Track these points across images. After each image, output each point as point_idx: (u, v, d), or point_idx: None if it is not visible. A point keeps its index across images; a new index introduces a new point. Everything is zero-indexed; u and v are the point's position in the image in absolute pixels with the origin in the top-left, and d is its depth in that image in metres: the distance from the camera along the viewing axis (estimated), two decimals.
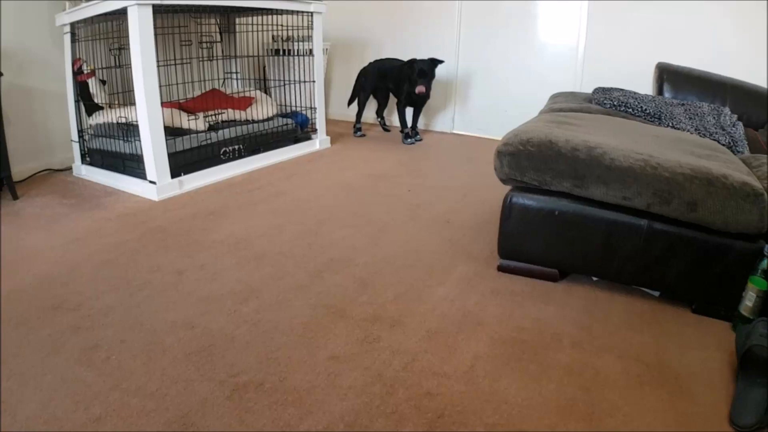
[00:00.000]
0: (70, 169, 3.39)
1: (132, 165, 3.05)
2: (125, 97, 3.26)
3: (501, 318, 1.87)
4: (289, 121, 3.95)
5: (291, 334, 1.72)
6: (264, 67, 4.72)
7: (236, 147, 3.45)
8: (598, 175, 1.90)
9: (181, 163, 3.07)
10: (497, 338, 1.74)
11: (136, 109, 2.87)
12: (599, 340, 1.75)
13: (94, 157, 3.31)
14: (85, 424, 1.31)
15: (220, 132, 3.39)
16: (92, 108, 3.24)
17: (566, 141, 1.99)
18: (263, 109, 3.79)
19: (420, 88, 4.10)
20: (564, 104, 3.15)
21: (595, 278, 2.15)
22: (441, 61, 4.17)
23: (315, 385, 1.49)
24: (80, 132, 3.30)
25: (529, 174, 2.02)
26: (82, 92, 3.21)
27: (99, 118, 3.20)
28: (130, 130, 3.03)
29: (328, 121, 4.38)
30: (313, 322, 1.80)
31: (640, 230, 1.91)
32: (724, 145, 2.58)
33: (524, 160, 2.02)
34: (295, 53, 4.29)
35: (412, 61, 4.14)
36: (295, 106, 4.17)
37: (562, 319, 1.88)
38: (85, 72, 3.16)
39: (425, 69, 4.10)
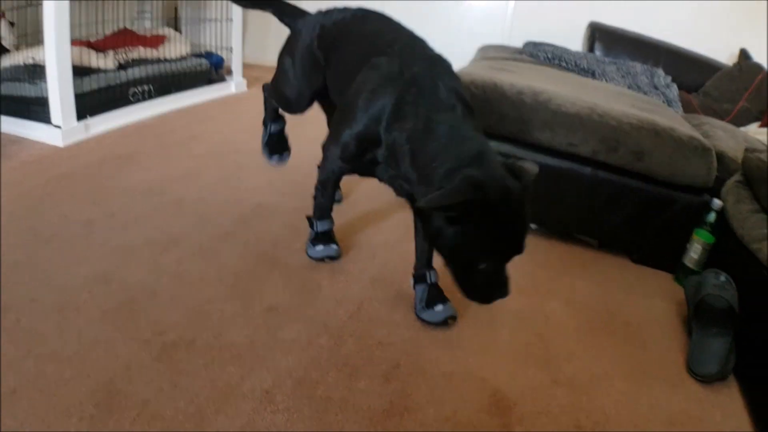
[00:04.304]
0: None
1: (37, 109, 2.70)
2: (35, 38, 2.88)
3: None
4: (203, 61, 3.64)
5: (220, 286, 1.55)
6: (176, 6, 4.35)
7: (146, 87, 3.13)
8: (544, 121, 1.85)
9: (87, 105, 2.75)
10: (442, 285, 1.65)
11: (44, 48, 2.52)
12: (544, 286, 1.73)
13: (0, 104, 2.92)
14: None
15: (130, 71, 3.06)
16: None
17: (511, 85, 1.93)
18: (175, 47, 3.47)
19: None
20: (496, 55, 3.09)
21: (534, 226, 2.12)
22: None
23: (254, 340, 1.35)
24: None
25: None
26: None
27: (5, 62, 2.83)
28: (36, 72, 2.68)
29: (244, 65, 4.08)
30: (245, 271, 1.64)
31: (584, 178, 1.89)
32: None
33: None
34: None
35: (476, 185, 1.17)
36: (210, 47, 3.87)
37: None
38: None
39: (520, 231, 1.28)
